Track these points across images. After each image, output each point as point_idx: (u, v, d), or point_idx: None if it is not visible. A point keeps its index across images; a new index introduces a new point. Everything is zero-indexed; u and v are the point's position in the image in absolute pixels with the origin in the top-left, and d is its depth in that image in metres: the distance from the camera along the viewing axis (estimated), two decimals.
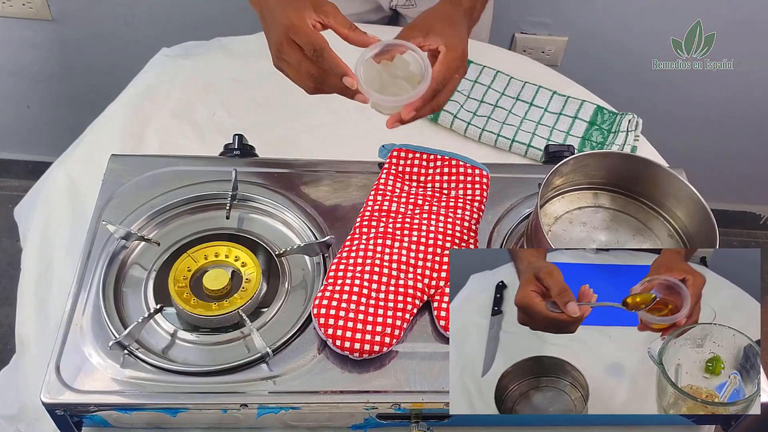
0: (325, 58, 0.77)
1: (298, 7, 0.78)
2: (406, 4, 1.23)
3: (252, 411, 0.71)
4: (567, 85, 1.17)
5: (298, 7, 0.78)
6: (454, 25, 0.85)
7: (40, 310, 0.85)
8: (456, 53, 0.81)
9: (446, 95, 0.82)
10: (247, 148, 0.93)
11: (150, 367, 0.71)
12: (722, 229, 0.72)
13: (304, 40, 0.77)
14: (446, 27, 0.84)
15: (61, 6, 1.60)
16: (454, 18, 0.86)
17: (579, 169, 0.83)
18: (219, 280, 0.76)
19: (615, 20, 1.57)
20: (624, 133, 1.07)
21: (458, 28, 0.85)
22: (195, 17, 1.59)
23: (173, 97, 1.09)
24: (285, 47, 0.78)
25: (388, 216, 0.84)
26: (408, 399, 0.71)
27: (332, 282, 0.76)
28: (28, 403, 0.80)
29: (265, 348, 0.71)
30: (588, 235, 0.81)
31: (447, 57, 0.80)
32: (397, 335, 0.73)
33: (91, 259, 0.79)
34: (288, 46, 0.78)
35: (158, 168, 0.88)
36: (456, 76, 0.82)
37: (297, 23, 0.77)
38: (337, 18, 0.80)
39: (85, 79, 1.75)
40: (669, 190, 0.81)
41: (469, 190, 0.87)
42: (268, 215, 0.86)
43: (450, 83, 0.82)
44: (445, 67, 0.80)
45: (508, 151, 1.06)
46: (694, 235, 0.79)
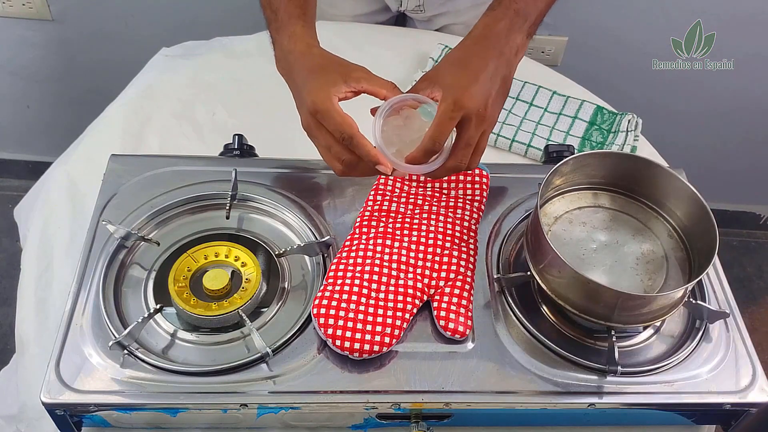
0: (356, 146, 0.72)
1: (325, 84, 0.74)
2: (415, 9, 1.23)
3: (252, 411, 0.71)
4: (567, 85, 1.17)
5: (325, 84, 0.74)
6: (464, 65, 0.75)
7: (40, 310, 0.85)
8: (447, 103, 0.71)
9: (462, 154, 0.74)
10: (247, 148, 0.93)
11: (150, 367, 0.71)
12: (722, 229, 0.72)
13: (333, 127, 0.72)
14: (453, 71, 0.75)
15: (61, 6, 1.60)
16: (470, 55, 0.76)
17: (579, 169, 0.83)
18: (219, 280, 0.76)
19: (615, 20, 1.57)
20: (624, 133, 1.07)
21: (468, 68, 0.74)
22: (195, 17, 1.59)
23: (173, 97, 1.09)
24: (313, 130, 0.75)
25: (388, 216, 0.84)
26: (408, 399, 0.71)
27: (332, 282, 0.76)
28: (28, 403, 0.80)
29: (265, 348, 0.71)
30: (588, 235, 0.81)
31: (439, 110, 0.72)
32: (397, 335, 0.73)
33: (91, 259, 0.79)
34: (316, 129, 0.74)
35: (158, 168, 0.88)
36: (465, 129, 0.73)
37: (323, 107, 0.72)
38: (372, 81, 0.76)
39: (85, 79, 1.75)
40: (669, 190, 0.81)
41: (469, 190, 0.87)
42: (268, 215, 0.86)
43: (462, 139, 0.73)
44: (436, 122, 0.72)
45: (507, 151, 1.06)
46: (694, 235, 0.79)
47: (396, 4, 1.23)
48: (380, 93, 0.76)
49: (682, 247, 0.81)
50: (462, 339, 0.75)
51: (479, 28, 0.78)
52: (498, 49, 0.76)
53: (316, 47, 0.80)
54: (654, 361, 0.76)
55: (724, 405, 0.73)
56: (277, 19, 0.82)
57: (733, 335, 0.78)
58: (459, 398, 0.71)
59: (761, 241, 2.11)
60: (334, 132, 0.73)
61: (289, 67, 0.79)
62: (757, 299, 1.99)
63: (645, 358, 0.77)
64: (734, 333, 0.78)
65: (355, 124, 0.73)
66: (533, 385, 0.72)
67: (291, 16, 0.81)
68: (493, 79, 0.74)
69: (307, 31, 0.81)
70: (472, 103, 0.72)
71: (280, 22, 0.81)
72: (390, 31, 1.26)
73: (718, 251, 0.73)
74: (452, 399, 0.71)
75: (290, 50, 0.79)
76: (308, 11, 0.83)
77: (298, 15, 0.81)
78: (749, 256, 2.08)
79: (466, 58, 0.76)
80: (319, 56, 0.78)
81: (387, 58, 1.16)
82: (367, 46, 1.17)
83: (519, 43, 0.78)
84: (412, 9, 1.23)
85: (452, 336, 0.75)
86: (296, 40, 0.79)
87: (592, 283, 0.70)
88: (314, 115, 0.74)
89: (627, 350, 0.77)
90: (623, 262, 0.79)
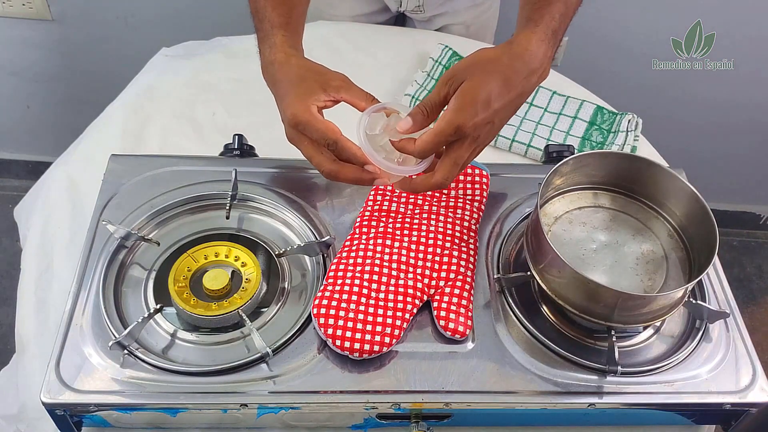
0: (342, 149, 0.73)
1: (303, 94, 0.74)
2: (415, 10, 1.23)
3: (252, 411, 0.71)
4: (567, 85, 1.17)
5: (303, 94, 0.74)
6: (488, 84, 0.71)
7: (40, 310, 0.85)
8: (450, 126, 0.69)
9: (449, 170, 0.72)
10: (247, 148, 0.93)
11: (150, 367, 0.71)
12: (722, 229, 0.72)
13: (316, 135, 0.73)
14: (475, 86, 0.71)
15: (61, 6, 1.60)
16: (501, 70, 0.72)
17: (579, 169, 0.83)
18: (219, 280, 0.76)
19: (615, 20, 1.57)
20: (624, 133, 1.07)
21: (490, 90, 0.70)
22: (195, 17, 1.60)
23: (173, 97, 1.09)
24: (296, 141, 0.76)
25: (388, 216, 0.84)
26: (408, 399, 0.71)
27: (332, 282, 0.76)
28: (28, 403, 0.80)
29: (265, 348, 0.72)
30: (588, 235, 0.81)
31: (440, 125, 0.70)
32: (397, 335, 0.73)
33: (91, 259, 0.79)
34: (299, 140, 0.75)
35: (158, 168, 0.88)
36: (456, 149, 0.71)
37: (303, 118, 0.73)
38: (351, 91, 0.76)
39: (85, 79, 1.75)
40: (669, 190, 0.81)
41: (469, 190, 0.87)
42: (268, 215, 0.86)
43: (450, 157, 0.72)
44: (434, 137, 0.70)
45: (507, 151, 1.06)
46: (694, 235, 0.79)
47: (396, 5, 1.23)
48: (359, 104, 0.76)
49: (682, 247, 0.81)
50: (462, 339, 0.75)
51: (521, 45, 0.73)
52: (530, 71, 0.73)
53: (295, 57, 0.79)
54: (654, 361, 0.76)
55: (724, 405, 0.73)
56: (262, 29, 0.82)
57: (733, 335, 0.78)
58: (459, 398, 0.71)
59: (761, 241, 2.11)
60: (319, 140, 0.73)
61: (272, 78, 0.79)
62: (757, 299, 1.99)
63: (645, 358, 0.77)
64: (734, 333, 0.78)
65: (337, 129, 0.73)
66: (533, 385, 0.72)
67: (273, 26, 0.81)
68: (507, 108, 0.73)
69: (287, 41, 0.80)
70: (475, 130, 0.71)
71: (264, 32, 0.81)
72: (390, 31, 1.26)
73: (718, 251, 0.73)
74: (452, 399, 0.71)
75: (271, 61, 0.79)
76: (292, 20, 0.82)
77: (280, 24, 0.81)
78: (749, 256, 2.08)
79: (497, 73, 0.71)
80: (296, 66, 0.78)
81: (387, 58, 1.16)
82: (367, 46, 1.17)
83: (547, 63, 0.75)
84: (411, 9, 1.23)
85: (452, 336, 0.75)
86: (276, 50, 0.79)
87: (592, 283, 0.70)
88: (295, 127, 0.74)
89: (627, 350, 0.77)
90: (623, 262, 0.79)
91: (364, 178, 0.74)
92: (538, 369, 0.73)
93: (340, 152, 0.73)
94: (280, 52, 0.79)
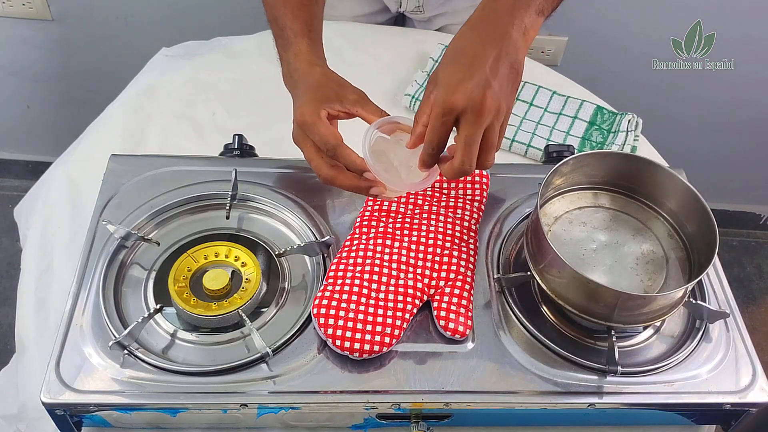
0: (340, 156, 0.74)
1: (316, 99, 0.76)
2: (414, 10, 1.23)
3: (252, 411, 0.71)
4: (567, 85, 1.17)
5: (316, 99, 0.76)
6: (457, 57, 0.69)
7: (40, 310, 0.85)
8: (436, 106, 0.67)
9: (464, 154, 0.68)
10: (247, 148, 0.93)
11: (150, 367, 0.71)
12: (722, 229, 0.72)
13: (317, 139, 0.75)
14: (445, 67, 0.69)
15: (61, 6, 1.60)
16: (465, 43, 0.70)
17: (579, 169, 0.83)
18: (219, 280, 0.76)
19: (615, 20, 1.57)
20: (624, 133, 1.07)
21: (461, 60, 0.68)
22: (195, 17, 1.59)
23: (173, 97, 1.09)
24: (300, 142, 0.78)
25: (388, 216, 0.84)
26: (408, 399, 0.71)
27: (332, 282, 0.76)
28: (28, 403, 0.80)
29: (265, 348, 0.72)
30: (588, 235, 0.81)
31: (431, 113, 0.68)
32: (397, 335, 0.73)
33: (91, 259, 0.79)
34: (303, 141, 0.77)
35: (158, 168, 0.88)
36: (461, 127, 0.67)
37: (310, 120, 0.75)
38: (367, 107, 0.77)
39: (85, 79, 1.75)
40: (669, 190, 0.81)
41: (469, 190, 0.87)
42: (268, 215, 0.86)
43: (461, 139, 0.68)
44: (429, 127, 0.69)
45: (507, 151, 1.06)
46: (694, 235, 0.79)
47: (395, 5, 1.23)
48: (372, 120, 0.76)
49: (682, 247, 0.81)
50: (462, 339, 0.75)
51: (478, 11, 0.72)
52: (500, 31, 0.69)
53: (319, 66, 0.81)
54: (654, 361, 0.76)
55: (724, 405, 0.73)
56: (283, 36, 0.83)
57: (733, 335, 0.78)
58: (459, 398, 0.71)
59: (761, 241, 2.11)
60: (319, 143, 0.75)
61: (294, 84, 0.81)
62: (757, 299, 1.99)
63: (645, 358, 0.77)
64: (734, 333, 0.78)
65: (340, 136, 0.75)
66: (533, 385, 0.72)
67: (296, 34, 0.82)
68: (494, 67, 0.67)
69: (312, 49, 0.82)
70: (463, 99, 0.66)
71: (286, 40, 0.83)
72: (390, 31, 1.26)
73: (718, 251, 0.73)
74: (452, 399, 0.71)
75: (296, 68, 0.81)
76: (314, 28, 0.84)
77: (303, 32, 0.82)
78: (749, 256, 2.08)
79: (461, 47, 0.70)
80: (319, 74, 0.80)
81: (387, 58, 1.16)
82: (367, 46, 1.17)
83: (528, 21, 0.70)
84: (411, 10, 1.23)
85: (452, 336, 0.75)
86: (301, 59, 0.81)
87: (592, 283, 0.70)
88: (301, 127, 0.76)
89: (627, 350, 0.77)
90: (623, 262, 0.79)
91: (360, 185, 0.76)
92: (538, 369, 0.73)
93: (339, 159, 0.75)
94: (305, 61, 0.81)
